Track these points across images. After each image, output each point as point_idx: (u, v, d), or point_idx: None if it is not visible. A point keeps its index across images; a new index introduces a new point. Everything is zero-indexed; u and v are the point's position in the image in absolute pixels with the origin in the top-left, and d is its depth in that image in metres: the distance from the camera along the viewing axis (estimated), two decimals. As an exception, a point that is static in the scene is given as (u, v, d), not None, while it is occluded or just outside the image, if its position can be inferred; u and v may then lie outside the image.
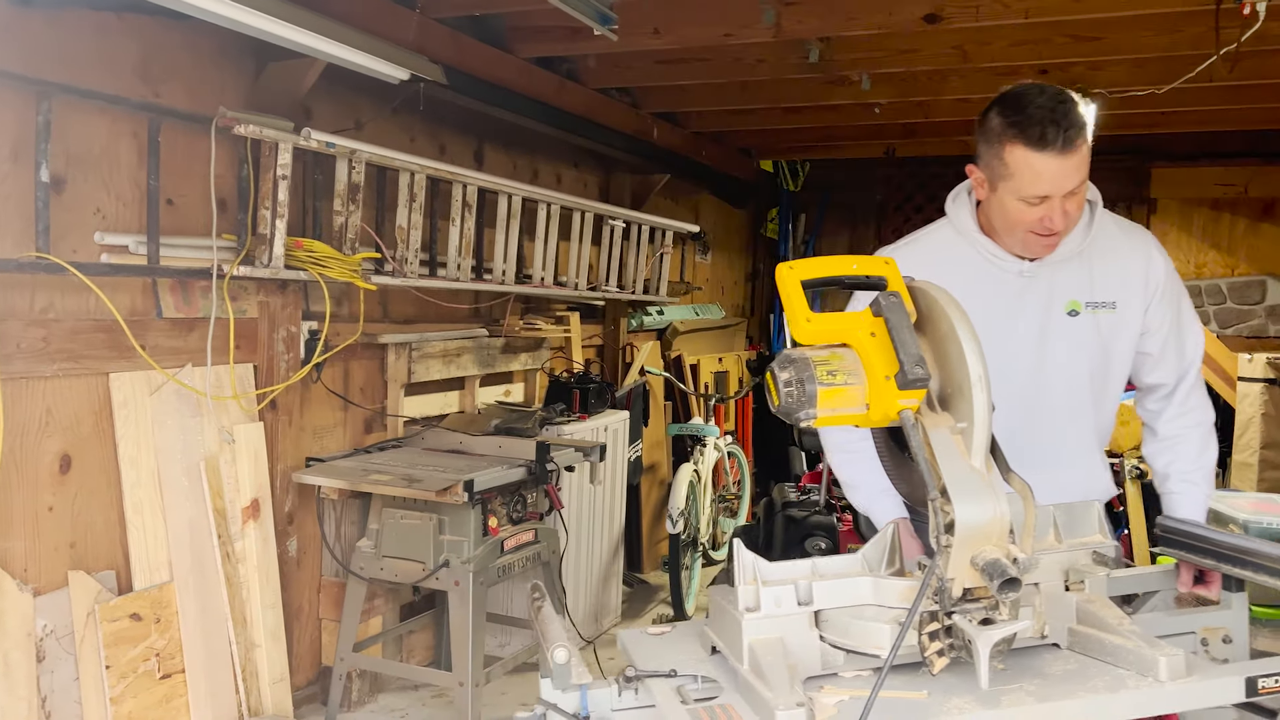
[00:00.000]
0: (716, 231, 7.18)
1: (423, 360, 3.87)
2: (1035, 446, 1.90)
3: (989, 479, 1.39)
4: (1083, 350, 2.00)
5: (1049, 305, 2.00)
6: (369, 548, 3.30)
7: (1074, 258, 1.98)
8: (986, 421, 1.39)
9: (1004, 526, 1.36)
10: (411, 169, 3.47)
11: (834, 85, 4.96)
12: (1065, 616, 1.52)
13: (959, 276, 1.93)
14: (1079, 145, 1.81)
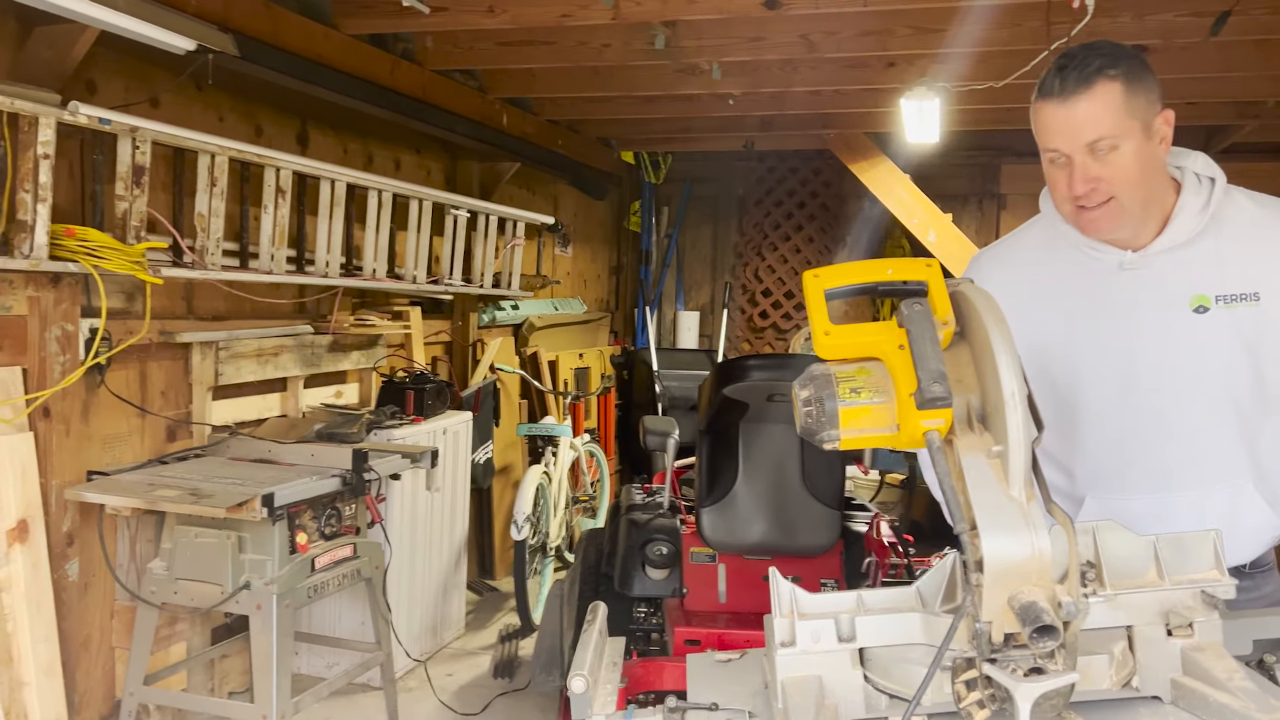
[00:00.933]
0: (577, 224, 6.99)
1: (232, 360, 3.55)
2: (1157, 473, 1.70)
3: (1027, 510, 1.21)
4: (1216, 353, 1.67)
5: (1167, 301, 1.69)
6: (161, 569, 2.98)
7: (1193, 243, 1.68)
8: (1024, 445, 1.21)
9: (1044, 565, 1.20)
10: (211, 150, 3.15)
11: (686, 74, 4.83)
12: (1168, 666, 1.32)
13: (1051, 275, 1.78)
14: (1087, 92, 1.56)
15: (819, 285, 1.34)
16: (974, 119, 5.54)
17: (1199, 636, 1.33)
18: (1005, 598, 1.19)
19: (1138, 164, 1.61)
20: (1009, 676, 1.19)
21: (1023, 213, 6.93)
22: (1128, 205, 1.64)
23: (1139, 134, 1.59)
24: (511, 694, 3.79)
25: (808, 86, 4.98)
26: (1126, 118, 1.58)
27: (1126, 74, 1.58)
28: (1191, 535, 1.41)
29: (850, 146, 6.06)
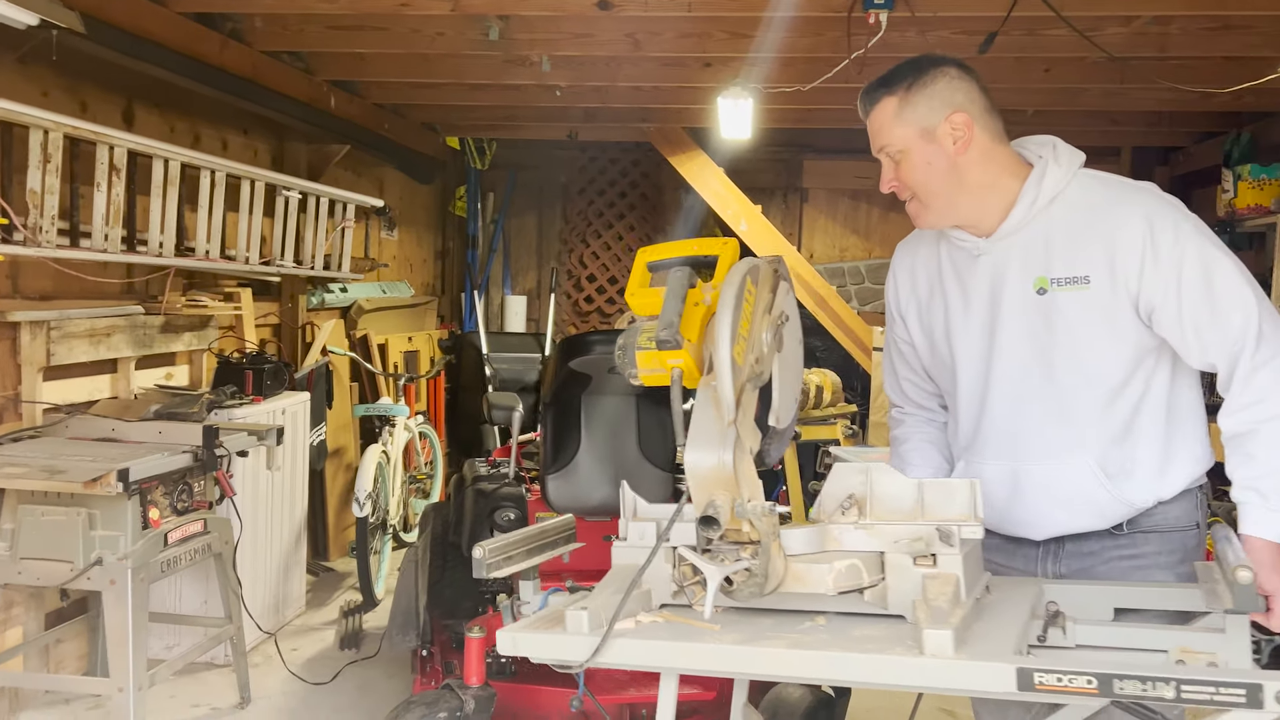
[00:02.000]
0: (403, 208, 7.03)
1: (65, 341, 3.48)
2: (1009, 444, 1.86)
3: (725, 434, 1.50)
4: (1057, 333, 1.80)
5: (1014, 284, 1.84)
6: (3, 550, 2.94)
7: (1031, 228, 1.82)
8: (729, 383, 1.50)
9: (727, 475, 1.49)
10: (45, 126, 3.10)
11: (515, 65, 5.02)
12: (910, 589, 1.54)
13: (937, 263, 1.97)
14: (869, 108, 1.84)
15: (644, 258, 1.73)
16: (781, 118, 6.02)
17: (940, 567, 1.53)
18: (706, 499, 1.51)
19: (924, 167, 1.81)
20: (700, 559, 1.51)
21: (823, 205, 7.55)
22: (928, 201, 1.84)
23: (919, 140, 1.81)
24: (360, 663, 3.91)
25: (631, 82, 5.28)
26: (901, 128, 1.81)
27: (906, 89, 1.81)
28: (955, 482, 1.64)
29: (669, 140, 6.43)
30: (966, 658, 1.37)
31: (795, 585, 1.55)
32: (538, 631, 1.59)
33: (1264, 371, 1.70)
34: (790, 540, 1.58)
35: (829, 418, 5.90)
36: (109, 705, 3.42)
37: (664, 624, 1.58)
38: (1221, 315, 1.72)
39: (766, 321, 1.63)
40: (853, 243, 7.60)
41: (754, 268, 1.60)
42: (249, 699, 3.53)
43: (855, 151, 7.43)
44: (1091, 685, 1.32)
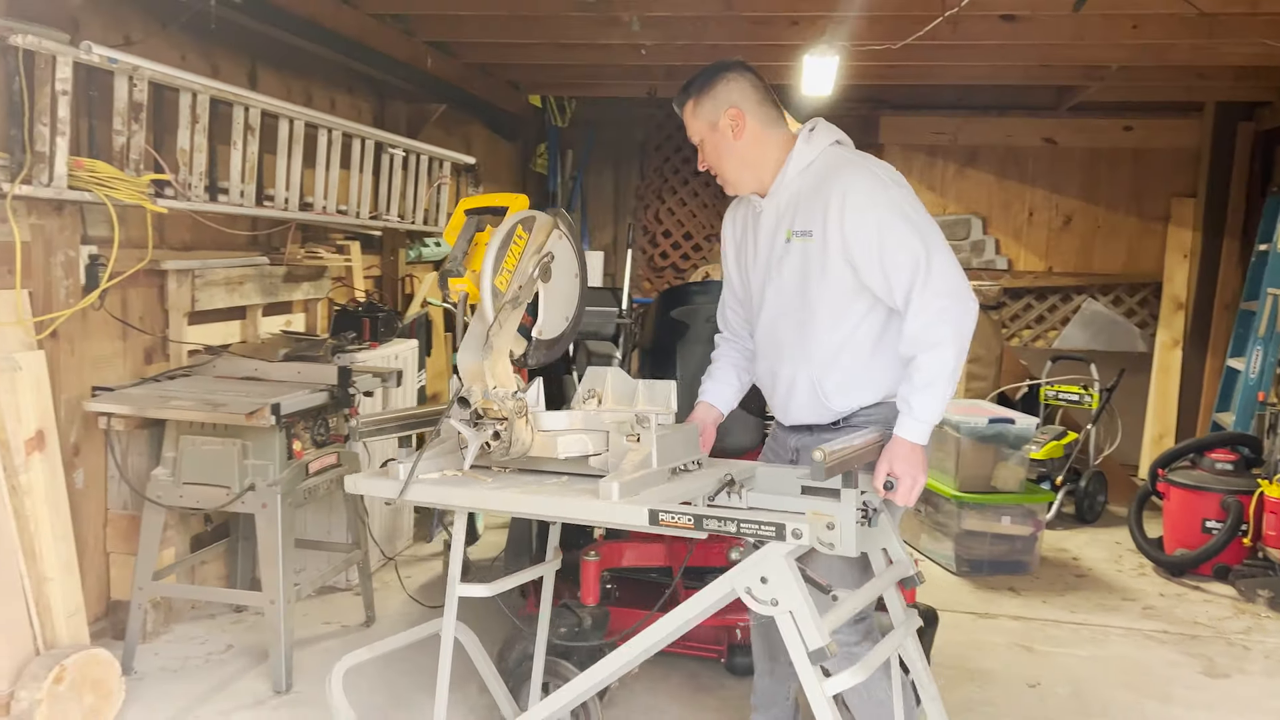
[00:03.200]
0: (488, 165, 7.25)
1: (206, 288, 3.78)
2: (770, 353, 2.48)
3: (483, 340, 2.10)
4: (791, 272, 2.37)
5: (775, 234, 2.41)
6: (166, 476, 3.26)
7: (787, 191, 2.38)
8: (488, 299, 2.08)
9: (480, 369, 2.12)
10: (194, 89, 3.37)
11: (607, 25, 5.17)
12: (619, 457, 2.12)
13: (743, 217, 2.56)
14: (682, 106, 2.42)
15: (464, 205, 2.30)
16: (861, 74, 6.09)
17: (641, 443, 2.10)
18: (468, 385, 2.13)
19: (713, 150, 2.42)
20: (464, 428, 2.11)
21: (899, 160, 7.61)
22: (724, 174, 2.44)
23: (709, 132, 2.40)
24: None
25: (716, 40, 5.41)
26: (696, 122, 2.42)
27: (698, 94, 2.39)
28: (661, 383, 2.28)
29: (750, 97, 6.53)
30: (624, 502, 1.96)
31: (539, 451, 2.17)
32: (372, 477, 2.22)
33: (926, 312, 2.19)
34: (547, 419, 2.20)
35: (905, 370, 6.04)
36: (249, 621, 3.77)
37: (460, 477, 2.18)
38: (893, 266, 2.21)
39: (534, 259, 2.18)
40: (928, 199, 7.65)
41: (528, 218, 2.19)
42: (374, 618, 3.85)
43: (932, 107, 7.49)
44: (689, 523, 1.92)
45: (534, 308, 2.22)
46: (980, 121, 7.46)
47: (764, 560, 1.93)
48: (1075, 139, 7.35)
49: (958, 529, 4.79)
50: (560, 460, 2.17)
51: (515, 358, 2.20)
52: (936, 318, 2.18)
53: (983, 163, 7.56)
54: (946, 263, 2.21)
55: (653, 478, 2.05)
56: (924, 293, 2.18)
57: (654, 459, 2.07)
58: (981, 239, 7.57)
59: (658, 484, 2.07)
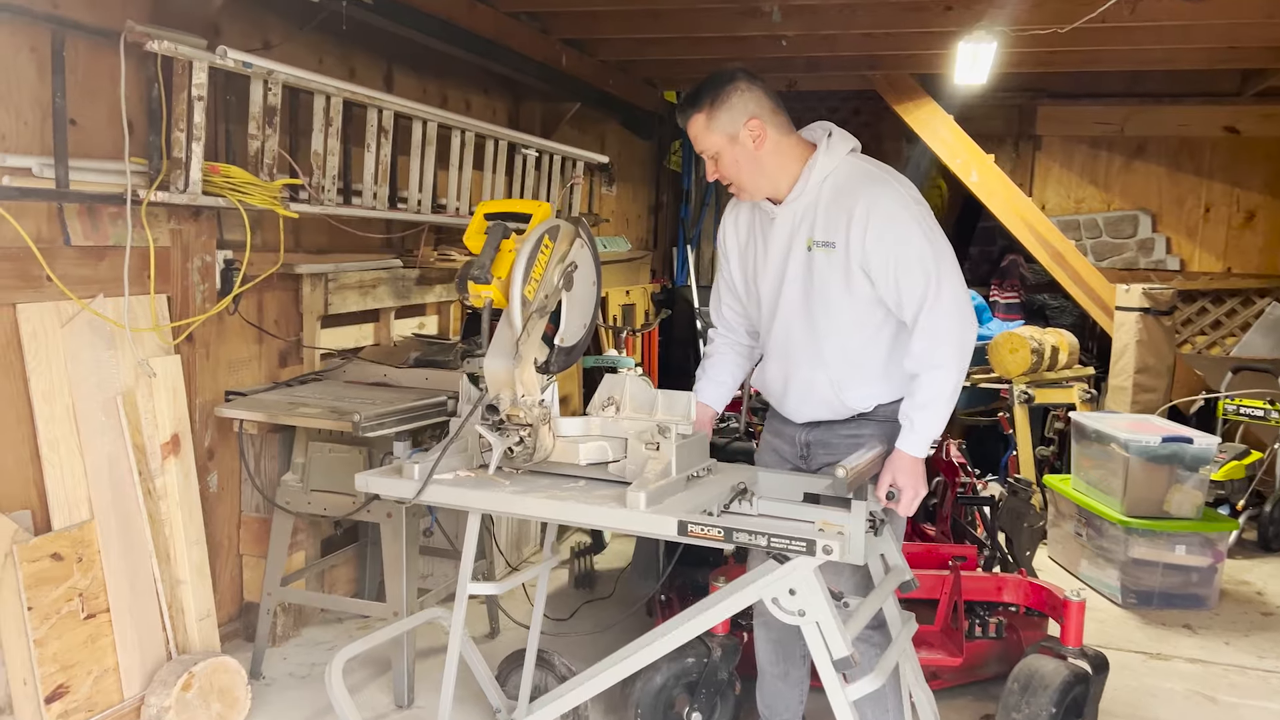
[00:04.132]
0: (621, 163, 7.15)
1: (340, 291, 3.78)
2: (783, 353, 2.50)
3: (512, 347, 2.18)
4: (807, 281, 2.39)
5: (792, 241, 2.41)
6: (295, 482, 3.24)
7: (806, 199, 2.38)
8: (517, 308, 2.16)
9: (509, 377, 2.20)
10: (328, 91, 3.34)
11: (746, 16, 4.97)
12: (640, 465, 2.18)
13: (752, 222, 2.56)
14: (689, 118, 2.38)
15: (482, 210, 2.35)
16: (1019, 61, 5.68)
17: (661, 451, 2.17)
18: (495, 392, 2.22)
19: (733, 162, 2.38)
20: (490, 433, 2.21)
21: (1058, 153, 7.12)
22: (742, 185, 2.43)
23: (726, 144, 2.37)
24: (595, 602, 4.09)
25: (863, 30, 5.13)
26: (711, 135, 2.37)
27: (709, 106, 2.35)
28: (680, 394, 2.29)
29: (896, 87, 6.21)
30: (651, 512, 2.03)
31: (561, 457, 2.26)
32: (386, 477, 2.27)
33: (932, 333, 2.27)
34: (566, 425, 2.28)
35: (1064, 380, 5.61)
36: (378, 627, 3.74)
37: (475, 478, 2.25)
38: (907, 284, 2.29)
39: (559, 269, 2.25)
40: (1090, 193, 7.12)
41: (554, 227, 2.24)
42: (498, 630, 3.77)
43: (1096, 95, 6.96)
44: (720, 534, 1.98)
45: (555, 315, 2.31)
46: (1151, 110, 6.88)
47: (793, 573, 2.00)
48: (1260, 128, 6.69)
49: (1124, 557, 4.37)
50: (577, 465, 2.27)
51: (538, 365, 2.26)
52: (942, 339, 2.27)
53: (1152, 154, 6.97)
54: (956, 286, 2.30)
55: (672, 486, 2.15)
56: (932, 313, 2.27)
57: (673, 467, 2.16)
58: (1150, 237, 6.99)
59: (677, 492, 2.16)
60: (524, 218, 2.32)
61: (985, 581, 3.20)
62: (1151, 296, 5.63)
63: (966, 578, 3.16)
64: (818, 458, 2.56)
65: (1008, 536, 3.64)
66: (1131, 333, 5.67)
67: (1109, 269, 6.81)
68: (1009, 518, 3.56)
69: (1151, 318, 5.63)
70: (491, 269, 2.22)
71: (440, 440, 3.46)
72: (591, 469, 2.28)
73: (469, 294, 2.27)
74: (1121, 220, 7.01)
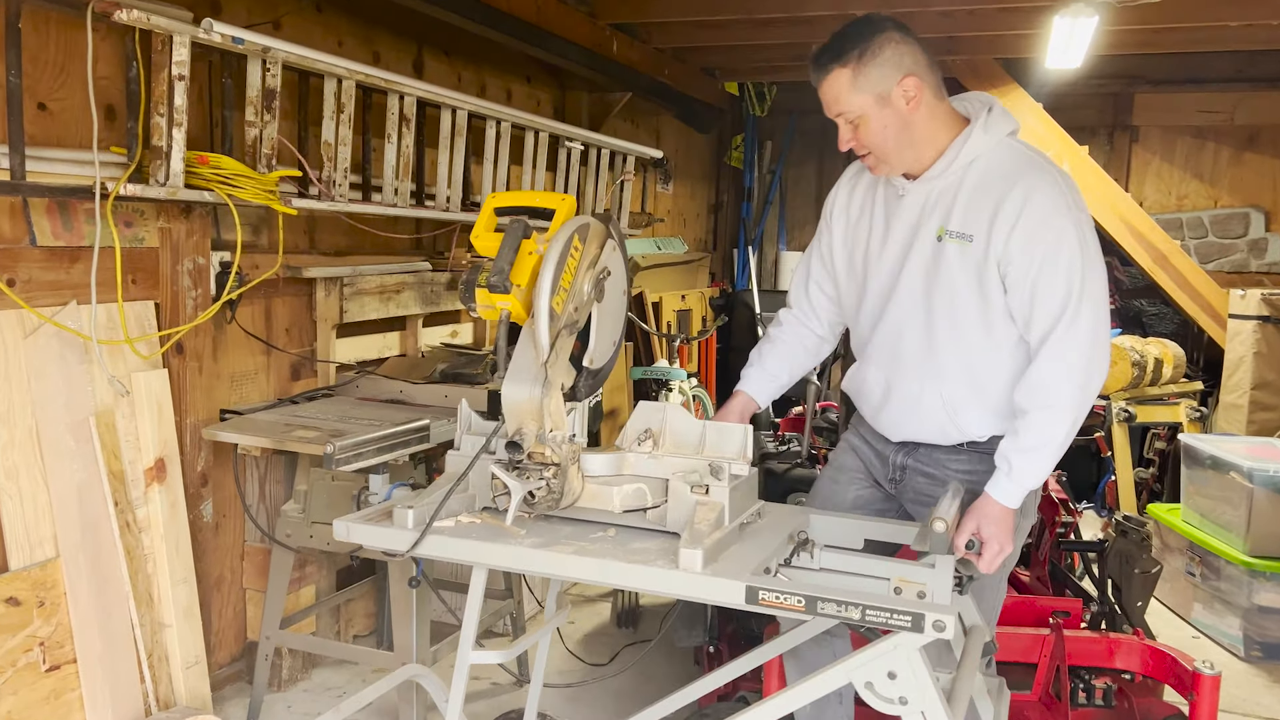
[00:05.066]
0: (678, 159, 6.73)
1: (357, 298, 3.42)
2: (891, 356, 2.13)
3: (538, 372, 1.78)
4: (931, 276, 2.03)
5: (922, 226, 2.05)
6: (296, 512, 2.89)
7: (945, 179, 2.02)
8: (545, 324, 1.76)
9: (535, 406, 1.79)
10: (339, 74, 2.98)
11: (811, -6, 4.53)
12: (686, 513, 1.78)
13: (872, 195, 2.17)
14: (823, 80, 1.97)
15: (492, 203, 1.93)
16: (1116, 42, 5.12)
17: (711, 496, 1.78)
18: (516, 425, 1.81)
19: (880, 129, 1.97)
20: (507, 475, 1.78)
21: (1158, 145, 6.50)
22: (885, 157, 2.02)
23: (874, 106, 1.96)
24: (638, 644, 3.67)
25: (943, 6, 4.63)
26: (857, 95, 1.95)
27: (858, 59, 1.93)
28: (734, 426, 1.89)
29: (978, 73, 5.68)
30: (710, 574, 1.66)
31: (590, 502, 1.85)
32: (371, 524, 1.85)
33: (1056, 363, 1.93)
34: (593, 463, 1.86)
35: (1168, 397, 5.03)
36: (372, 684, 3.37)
37: (480, 525, 1.85)
38: (1044, 297, 1.94)
39: (590, 275, 1.86)
40: (1194, 189, 6.48)
41: (584, 226, 1.83)
42: (527, 677, 3.37)
43: (1201, 80, 6.32)
44: (800, 604, 1.60)
45: (583, 331, 1.91)
46: (1264, 96, 6.23)
47: (894, 653, 1.62)
48: (1392, 114, 6.00)
49: (1248, 603, 3.81)
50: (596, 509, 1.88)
51: (564, 391, 1.88)
52: (1065, 374, 1.94)
53: (1266, 146, 6.31)
54: (1097, 312, 1.95)
55: (728, 539, 1.78)
56: (1064, 339, 1.94)
57: (726, 515, 1.80)
58: (1263, 237, 6.33)
59: (731, 545, 1.80)
60: (545, 213, 1.89)
61: (1093, 643, 2.71)
62: (1272, 303, 5.01)
63: (1070, 638, 2.67)
64: (913, 487, 2.19)
65: (1114, 584, 3.12)
66: (1248, 344, 5.06)
67: (1216, 272, 6.17)
68: (1117, 562, 3.05)
69: (1272, 326, 5.01)
70: (511, 275, 1.80)
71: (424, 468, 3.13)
72: (617, 514, 1.88)
73: (476, 304, 1.86)
74: (1230, 218, 6.36)
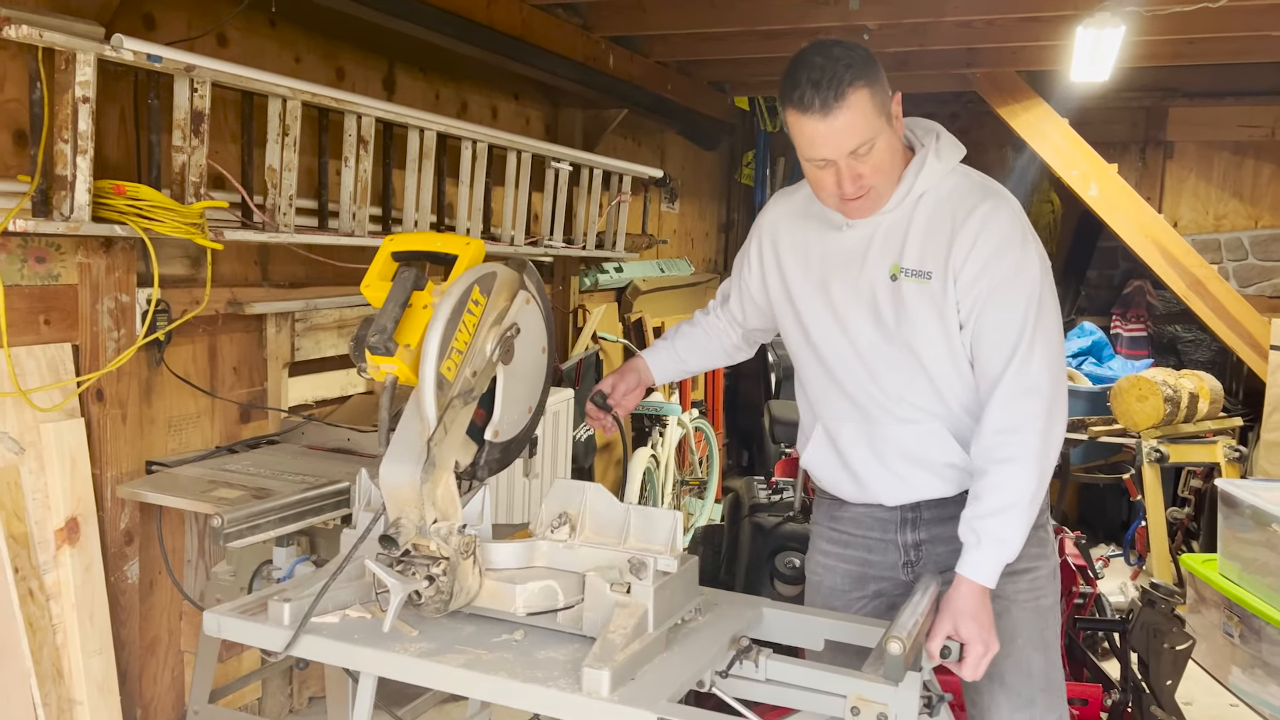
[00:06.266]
0: (685, 177, 6.45)
1: (310, 333, 3.17)
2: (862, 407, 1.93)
3: (422, 450, 1.53)
4: (907, 315, 1.85)
5: (870, 262, 1.88)
6: (228, 574, 2.61)
7: (897, 214, 1.86)
8: (430, 394, 1.52)
9: (416, 492, 1.53)
10: (282, 94, 2.73)
11: (817, 5, 4.24)
12: (605, 614, 1.55)
13: (806, 228, 1.97)
14: (843, 105, 1.69)
15: (390, 246, 1.70)
16: (1147, 53, 4.79)
17: (633, 596, 1.53)
18: (396, 513, 1.55)
19: (889, 154, 1.79)
20: (385, 572, 1.52)
21: (1193, 161, 6.13)
22: (884, 190, 1.83)
23: (886, 127, 1.76)
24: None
25: (959, 16, 4.32)
26: (876, 117, 1.73)
27: (867, 76, 1.71)
28: (659, 511, 1.65)
29: (999, 87, 5.35)
30: (617, 700, 1.41)
31: (489, 602, 1.61)
32: (244, 618, 1.62)
33: (1013, 409, 1.74)
34: (497, 554, 1.63)
35: (1205, 434, 4.66)
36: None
37: (368, 620, 1.62)
38: (1000, 322, 1.77)
39: (494, 333, 1.63)
40: (1232, 208, 6.10)
41: (487, 275, 1.63)
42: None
43: (1240, 93, 5.94)
44: None
45: (488, 398, 1.67)
46: (1310, 110, 5.85)
47: None
48: None
49: (1293, 671, 3.45)
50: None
51: (461, 470, 1.64)
52: (1021, 421, 1.74)
53: (1312, 162, 5.94)
54: (1052, 348, 1.78)
55: (649, 650, 1.52)
56: (1016, 380, 1.75)
57: (650, 621, 1.54)
58: (1308, 259, 5.94)
59: (655, 656, 1.54)
60: (446, 259, 1.65)
61: (1115, 738, 2.39)
62: (1315, 334, 4.64)
63: (1089, 731, 2.35)
64: (937, 562, 1.91)
65: (1141, 659, 2.80)
66: (1291, 378, 4.69)
67: (1256, 297, 5.78)
68: (1144, 636, 2.72)
69: (1317, 359, 4.64)
70: (395, 334, 1.57)
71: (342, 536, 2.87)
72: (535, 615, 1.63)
73: (366, 364, 1.61)
74: (1272, 239, 5.97)
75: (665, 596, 1.57)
